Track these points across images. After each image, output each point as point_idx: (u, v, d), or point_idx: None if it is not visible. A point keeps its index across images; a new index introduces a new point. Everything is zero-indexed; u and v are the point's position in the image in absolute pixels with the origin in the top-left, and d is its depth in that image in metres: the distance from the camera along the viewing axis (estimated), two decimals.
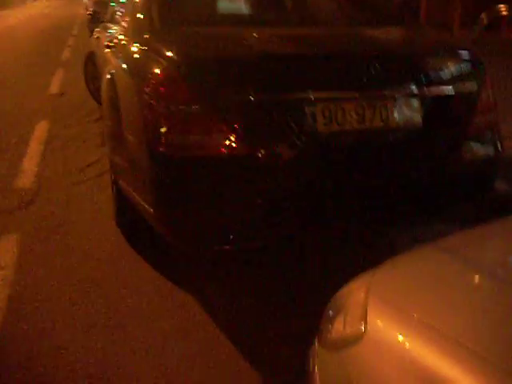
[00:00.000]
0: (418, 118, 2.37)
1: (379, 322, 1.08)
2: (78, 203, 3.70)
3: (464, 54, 2.57)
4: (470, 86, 2.49)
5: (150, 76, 2.30)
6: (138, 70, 2.54)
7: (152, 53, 2.44)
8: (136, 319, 2.42)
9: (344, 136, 2.29)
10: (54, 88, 7.56)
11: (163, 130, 2.15)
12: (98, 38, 4.56)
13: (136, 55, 2.68)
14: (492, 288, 1.16)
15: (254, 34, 2.71)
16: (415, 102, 2.37)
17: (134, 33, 2.87)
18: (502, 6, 3.95)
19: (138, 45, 2.69)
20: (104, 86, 3.16)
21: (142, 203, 2.42)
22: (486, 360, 0.91)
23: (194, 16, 3.17)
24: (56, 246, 3.10)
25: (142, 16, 2.84)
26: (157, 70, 2.29)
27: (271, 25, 3.02)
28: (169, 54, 2.33)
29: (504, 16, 4.08)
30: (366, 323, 1.07)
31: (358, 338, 1.07)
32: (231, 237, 2.25)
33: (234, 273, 2.76)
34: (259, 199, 2.22)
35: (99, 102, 5.59)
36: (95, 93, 5.62)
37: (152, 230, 2.52)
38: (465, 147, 2.50)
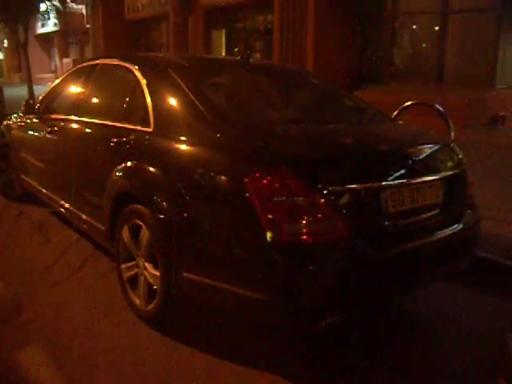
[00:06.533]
0: (440, 195, 3.09)
1: None
2: (73, 302, 3.51)
3: (448, 143, 3.40)
4: (459, 167, 3.29)
5: (259, 173, 2.50)
6: (221, 169, 2.72)
7: (243, 152, 2.71)
8: None
9: (407, 213, 2.86)
10: None
11: (284, 223, 2.45)
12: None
13: (209, 155, 2.85)
14: None
15: (335, 132, 3.18)
16: (438, 183, 3.08)
17: (195, 136, 3.00)
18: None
19: (209, 147, 2.87)
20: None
21: (248, 293, 2.54)
22: None
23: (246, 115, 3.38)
24: (86, 350, 2.97)
25: (196, 115, 3.05)
26: (265, 168, 2.51)
27: (330, 122, 3.46)
28: (269, 153, 2.65)
29: None
30: None
31: None
32: (341, 307, 2.59)
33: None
34: (360, 272, 2.59)
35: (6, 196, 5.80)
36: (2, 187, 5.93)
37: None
38: (466, 214, 3.24)
